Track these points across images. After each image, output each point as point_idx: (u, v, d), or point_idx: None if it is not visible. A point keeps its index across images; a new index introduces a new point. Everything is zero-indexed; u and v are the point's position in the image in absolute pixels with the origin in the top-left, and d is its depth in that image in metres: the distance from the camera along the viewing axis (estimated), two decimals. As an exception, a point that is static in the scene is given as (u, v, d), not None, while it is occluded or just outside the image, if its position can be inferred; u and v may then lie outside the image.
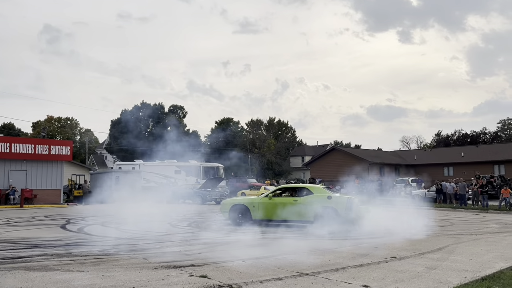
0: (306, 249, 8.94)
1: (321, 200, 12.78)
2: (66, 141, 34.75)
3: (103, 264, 7.14)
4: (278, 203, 13.18)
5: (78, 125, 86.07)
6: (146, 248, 8.98)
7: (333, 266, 7.14)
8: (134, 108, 66.66)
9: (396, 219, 13.35)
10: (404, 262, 7.63)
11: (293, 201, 13.05)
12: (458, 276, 6.43)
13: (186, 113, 72.95)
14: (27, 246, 9.19)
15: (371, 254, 8.34)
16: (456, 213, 20.63)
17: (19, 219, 16.13)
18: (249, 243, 9.76)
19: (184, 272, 6.51)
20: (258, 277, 6.27)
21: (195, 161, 38.60)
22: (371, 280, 6.15)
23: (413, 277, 6.38)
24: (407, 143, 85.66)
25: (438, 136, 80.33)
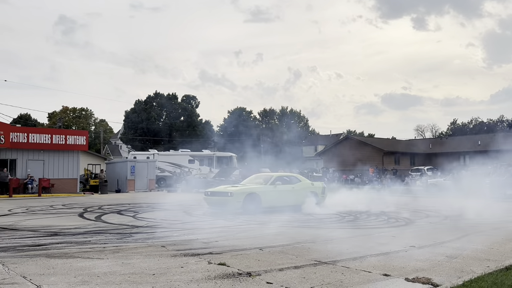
0: (324, 237, 8.90)
1: (308, 186, 15.69)
2: (82, 131, 35.15)
3: (122, 251, 7.20)
4: (281, 190, 14.75)
5: (93, 116, 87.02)
6: (164, 236, 9.03)
7: (351, 255, 7.09)
8: (147, 98, 66.98)
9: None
10: (423, 251, 7.54)
11: (291, 188, 15.08)
12: (480, 265, 6.32)
13: (199, 103, 72.92)
14: (47, 234, 9.33)
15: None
16: (474, 202, 20.29)
17: (37, 207, 16.40)
18: (265, 232, 9.75)
19: (203, 260, 6.53)
20: (276, 265, 6.25)
21: (208, 150, 38.76)
22: (392, 269, 6.08)
23: (434, 266, 6.29)
24: (422, 132, 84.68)
25: (453, 125, 79.20)
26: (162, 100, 66.83)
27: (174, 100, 67.99)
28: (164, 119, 67.53)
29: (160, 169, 36.43)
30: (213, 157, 36.92)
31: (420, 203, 18.73)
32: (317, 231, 10.14)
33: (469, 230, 10.26)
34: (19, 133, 24.58)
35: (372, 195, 24.03)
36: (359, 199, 20.63)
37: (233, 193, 13.86)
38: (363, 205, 16.63)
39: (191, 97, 73.13)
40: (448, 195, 24.88)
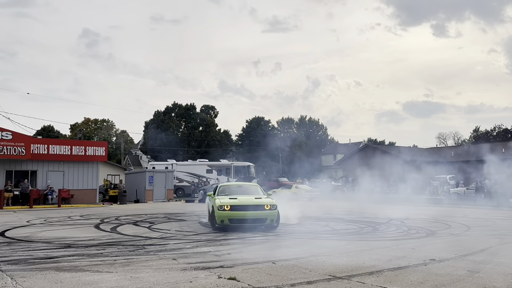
0: (340, 250, 8.63)
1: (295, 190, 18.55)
2: (101, 142, 35.63)
3: (132, 264, 7.10)
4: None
5: (114, 127, 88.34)
6: (176, 248, 8.91)
7: (368, 269, 6.81)
8: (166, 109, 67.67)
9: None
10: (444, 264, 7.20)
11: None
12: (504, 280, 5.97)
13: (218, 113, 73.28)
14: (60, 246, 9.32)
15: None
16: (498, 212, 19.64)
17: (55, 218, 16.55)
18: (279, 243, 9.53)
19: (213, 274, 6.36)
20: (288, 280, 6.04)
21: (226, 160, 38.74)
22: (409, 285, 5.79)
23: (455, 281, 5.97)
24: (444, 139, 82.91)
25: (476, 132, 77.29)
26: (180, 111, 67.41)
27: (193, 111, 68.50)
28: (183, 129, 68.04)
29: (179, 179, 36.55)
30: (231, 166, 36.86)
31: (441, 213, 18.16)
32: (333, 243, 9.87)
33: (492, 242, 9.82)
34: (39, 145, 25.02)
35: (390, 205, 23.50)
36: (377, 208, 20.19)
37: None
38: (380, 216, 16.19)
39: (209, 107, 73.58)
40: (471, 204, 24.16)
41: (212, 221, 12.28)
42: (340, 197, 32.31)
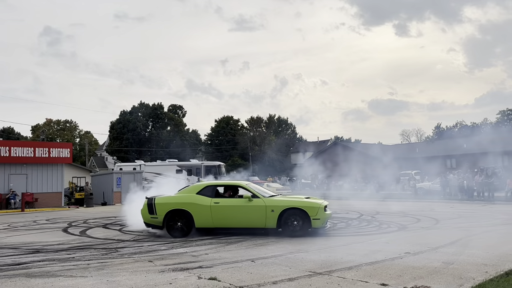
0: (317, 246, 8.68)
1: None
2: (66, 143, 34.48)
3: (107, 268, 6.87)
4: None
5: (78, 128, 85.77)
6: (151, 250, 8.70)
7: (346, 264, 6.87)
8: (133, 109, 66.38)
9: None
10: (419, 257, 7.36)
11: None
12: (478, 271, 6.16)
13: (186, 113, 72.60)
14: (28, 251, 8.92)
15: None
16: (462, 205, 20.37)
17: (20, 223, 15.86)
18: (255, 242, 9.48)
19: (192, 275, 6.24)
20: (269, 277, 6.00)
21: (196, 160, 38.40)
22: (389, 278, 5.88)
23: (432, 273, 6.11)
24: (407, 136, 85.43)
25: (437, 129, 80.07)
26: (147, 110, 66.25)
27: (160, 110, 67.49)
28: (150, 129, 66.92)
29: (147, 180, 35.90)
30: (201, 166, 36.55)
31: (410, 208, 18.65)
32: (309, 240, 9.91)
33: (461, 234, 10.15)
34: (0, 147, 23.90)
35: (361, 201, 23.97)
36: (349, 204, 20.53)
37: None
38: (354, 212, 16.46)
39: (177, 106, 72.80)
40: (437, 198, 24.96)
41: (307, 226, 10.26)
42: (310, 194, 32.63)
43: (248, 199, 10.39)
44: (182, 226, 10.50)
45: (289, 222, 10.20)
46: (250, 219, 10.40)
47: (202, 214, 10.43)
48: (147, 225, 10.95)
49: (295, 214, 10.21)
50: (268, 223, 10.28)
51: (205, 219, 10.44)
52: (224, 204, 10.52)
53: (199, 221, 10.46)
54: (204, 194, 10.69)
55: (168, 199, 10.80)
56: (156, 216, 10.59)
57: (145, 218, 10.86)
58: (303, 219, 10.17)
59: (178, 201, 10.67)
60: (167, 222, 10.51)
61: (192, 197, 10.69)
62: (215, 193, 10.84)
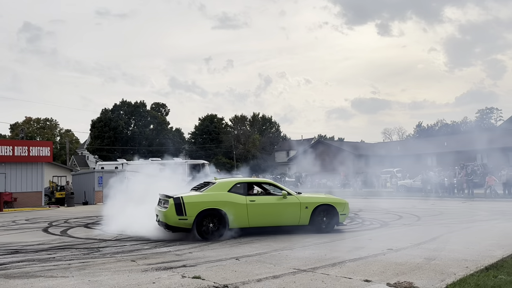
0: (301, 243, 8.70)
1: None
2: (46, 142, 33.82)
3: (89, 268, 6.75)
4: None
5: (58, 126, 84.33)
6: (134, 250, 8.60)
7: (330, 260, 6.91)
8: (115, 107, 65.56)
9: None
10: (401, 253, 7.45)
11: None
12: (459, 266, 6.26)
13: (169, 111, 72.06)
14: (7, 251, 8.71)
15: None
16: (443, 202, 20.73)
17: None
18: (239, 240, 9.45)
19: (176, 274, 6.18)
20: (254, 275, 5.99)
21: (180, 158, 38.12)
22: (372, 274, 5.93)
23: (414, 269, 6.18)
24: (389, 135, 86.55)
25: (419, 127, 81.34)
26: (130, 108, 65.48)
27: (143, 108, 66.78)
28: (133, 127, 66.17)
29: (129, 179, 35.47)
30: (185, 165, 36.27)
31: (392, 205, 18.89)
32: (293, 237, 9.93)
33: (442, 231, 10.31)
34: (-23, 146, 23.32)
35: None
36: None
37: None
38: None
39: (160, 104, 72.19)
40: (418, 196, 25.35)
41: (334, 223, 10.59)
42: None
43: (283, 197, 10.22)
44: (215, 227, 9.53)
45: (319, 218, 10.39)
46: (285, 216, 10.22)
47: (238, 213, 9.70)
48: (170, 228, 9.55)
49: (325, 210, 10.44)
50: (302, 220, 10.30)
51: (241, 218, 9.74)
52: (261, 202, 10.02)
53: (234, 221, 9.66)
54: (236, 192, 10.01)
55: (199, 198, 9.73)
56: (185, 217, 9.33)
57: (170, 220, 9.39)
58: (332, 215, 10.46)
59: (211, 200, 9.68)
60: (197, 223, 9.44)
61: (225, 195, 9.85)
62: (247, 190, 10.26)
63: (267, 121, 79.75)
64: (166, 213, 9.42)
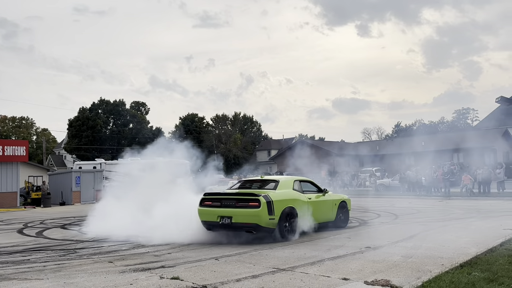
0: (280, 243, 8.71)
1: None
2: (21, 141, 32.96)
3: (64, 270, 6.61)
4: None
5: (34, 125, 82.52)
6: (111, 251, 8.47)
7: (309, 259, 6.94)
8: (93, 105, 64.51)
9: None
10: (379, 251, 7.54)
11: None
12: (435, 263, 6.37)
13: (149, 110, 71.30)
14: (-21, 254, 8.46)
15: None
16: (420, 201, 21.11)
17: (-30, 225, 15.04)
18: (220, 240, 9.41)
19: (154, 275, 6.11)
20: (233, 275, 5.97)
21: (161, 158, 37.70)
22: (349, 272, 5.98)
23: (391, 267, 6.27)
24: (369, 134, 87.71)
25: (397, 127, 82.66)
26: (108, 107, 64.51)
27: (122, 107, 65.87)
28: (112, 126, 65.22)
29: (108, 179, 34.99)
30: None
31: (371, 204, 19.12)
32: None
33: (419, 229, 10.49)
34: (-51, 145, 22.59)
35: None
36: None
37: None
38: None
39: (140, 103, 71.37)
40: (396, 194, 25.74)
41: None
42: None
43: (323, 194, 10.55)
44: (290, 226, 9.11)
45: (340, 215, 11.01)
46: (326, 213, 10.54)
47: (304, 211, 9.45)
48: (255, 230, 8.63)
49: (343, 207, 11.15)
50: (332, 216, 10.76)
51: (306, 217, 9.52)
52: (315, 200, 10.03)
53: (301, 219, 9.41)
54: (296, 190, 9.75)
55: (280, 196, 9.09)
56: (273, 216, 8.66)
57: (263, 221, 8.53)
58: (346, 211, 11.28)
59: (288, 198, 9.23)
60: (279, 223, 8.85)
61: (294, 193, 9.52)
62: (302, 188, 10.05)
63: (249, 121, 79.73)
64: (259, 213, 8.46)
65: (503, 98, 25.99)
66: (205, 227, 9.12)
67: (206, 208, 9.08)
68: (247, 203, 8.63)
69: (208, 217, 8.97)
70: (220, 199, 9.11)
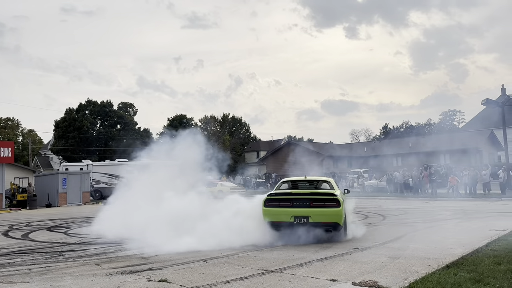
0: (269, 244, 8.72)
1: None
2: (7, 142, 32.47)
3: (50, 273, 6.53)
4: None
5: (20, 126, 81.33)
6: (98, 253, 8.39)
7: (298, 261, 6.96)
8: (80, 106, 63.83)
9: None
10: (367, 252, 7.60)
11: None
12: (422, 264, 6.44)
13: (137, 111, 70.73)
14: (-37, 257, 8.31)
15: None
16: (407, 202, 21.30)
17: (-46, 228, 14.75)
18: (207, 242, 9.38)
19: (142, 277, 6.07)
20: (221, 277, 5.96)
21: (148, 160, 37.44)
22: (337, 273, 6.01)
23: (379, 268, 6.31)
24: (357, 136, 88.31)
25: (385, 129, 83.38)
26: (96, 108, 63.89)
27: (109, 108, 65.26)
28: (99, 127, 64.60)
29: (95, 180, 34.67)
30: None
31: (358, 205, 19.23)
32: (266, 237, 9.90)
33: (406, 230, 10.59)
34: None
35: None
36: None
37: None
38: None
39: (128, 104, 70.79)
40: (383, 195, 25.95)
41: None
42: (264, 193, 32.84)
43: (344, 193, 10.49)
44: (346, 224, 9.59)
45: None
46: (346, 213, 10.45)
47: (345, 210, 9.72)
48: (334, 229, 8.87)
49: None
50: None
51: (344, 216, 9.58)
52: (345, 199, 10.09)
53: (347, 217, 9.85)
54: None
55: (341, 195, 9.66)
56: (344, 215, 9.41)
57: (342, 220, 9.00)
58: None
59: (344, 198, 9.79)
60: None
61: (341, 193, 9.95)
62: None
63: (237, 122, 79.66)
64: (339, 212, 8.71)
65: (489, 100, 26.35)
66: (272, 228, 8.98)
67: (275, 209, 8.93)
68: (324, 203, 8.78)
69: (279, 217, 8.87)
70: (290, 199, 8.99)
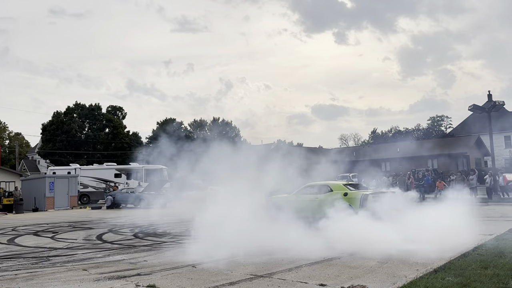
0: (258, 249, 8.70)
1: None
2: (-7, 146, 32.02)
3: (37, 278, 6.44)
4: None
5: (7, 129, 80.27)
6: (86, 258, 8.29)
7: (287, 265, 6.96)
8: (68, 109, 63.22)
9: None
10: (355, 257, 7.62)
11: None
12: (410, 269, 6.48)
13: (126, 114, 70.26)
14: None
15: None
16: (396, 206, 21.40)
17: None
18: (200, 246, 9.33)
19: (130, 283, 6.01)
20: (210, 282, 5.93)
21: (137, 163, 37.23)
22: (327, 278, 6.02)
23: (367, 273, 6.34)
24: (346, 140, 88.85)
25: (373, 134, 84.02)
26: (84, 111, 63.32)
27: (98, 111, 64.72)
28: (87, 131, 64.01)
29: (83, 184, 34.32)
30: (142, 170, 35.46)
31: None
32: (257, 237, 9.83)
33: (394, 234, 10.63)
34: None
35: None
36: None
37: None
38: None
39: (117, 107, 70.29)
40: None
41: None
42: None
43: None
44: None
45: None
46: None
47: None
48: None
49: None
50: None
51: None
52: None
53: None
54: None
55: None
56: None
57: None
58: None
59: None
60: None
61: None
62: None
63: (227, 126, 79.61)
64: None
65: (475, 106, 26.69)
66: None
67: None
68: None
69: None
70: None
